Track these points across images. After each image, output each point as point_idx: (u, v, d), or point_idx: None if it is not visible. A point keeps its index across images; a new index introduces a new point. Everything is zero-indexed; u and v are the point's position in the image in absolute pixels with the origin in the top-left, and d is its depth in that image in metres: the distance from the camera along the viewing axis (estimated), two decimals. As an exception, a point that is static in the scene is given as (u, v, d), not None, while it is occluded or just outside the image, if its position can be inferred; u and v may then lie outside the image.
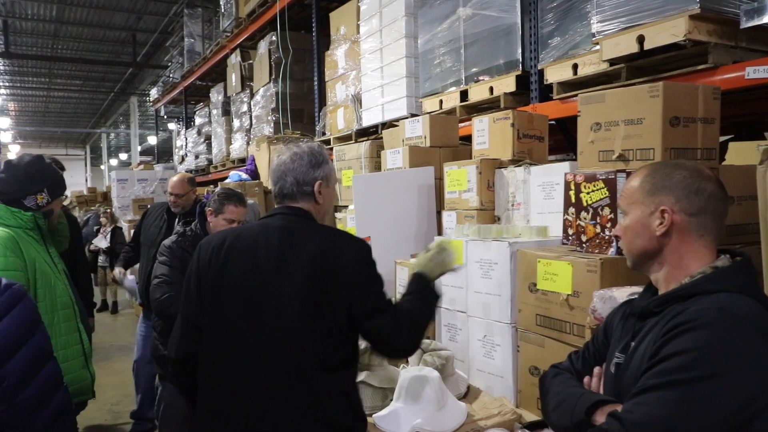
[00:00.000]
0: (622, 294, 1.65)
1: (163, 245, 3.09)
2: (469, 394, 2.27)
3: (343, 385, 1.73)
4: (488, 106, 3.85)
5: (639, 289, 1.66)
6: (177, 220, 4.01)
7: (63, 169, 2.96)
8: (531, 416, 2.06)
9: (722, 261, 1.26)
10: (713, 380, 1.05)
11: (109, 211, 9.88)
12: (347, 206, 4.02)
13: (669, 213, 1.26)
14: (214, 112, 9.23)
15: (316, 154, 1.87)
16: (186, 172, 10.55)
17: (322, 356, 1.68)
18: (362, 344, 2.42)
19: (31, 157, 2.73)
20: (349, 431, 1.73)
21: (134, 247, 4.32)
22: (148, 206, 4.83)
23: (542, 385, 1.48)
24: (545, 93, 3.48)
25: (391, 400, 2.06)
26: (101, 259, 8.81)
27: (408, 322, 1.79)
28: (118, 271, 4.24)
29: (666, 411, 1.07)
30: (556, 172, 2.48)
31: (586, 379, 1.43)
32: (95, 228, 9.49)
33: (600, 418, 1.22)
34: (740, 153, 2.92)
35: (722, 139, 2.74)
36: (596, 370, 1.42)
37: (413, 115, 4.22)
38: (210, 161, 9.96)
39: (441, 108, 4.14)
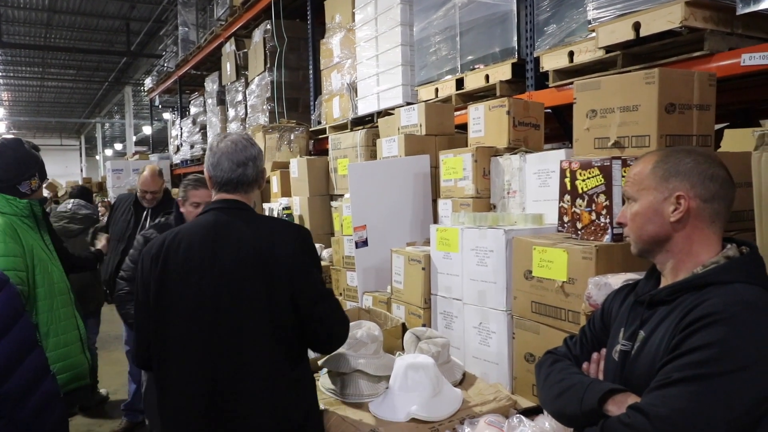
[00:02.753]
0: (617, 280, 1.65)
1: (139, 236, 3.13)
2: (464, 381, 2.28)
3: (294, 373, 1.75)
4: (484, 94, 3.84)
5: (634, 275, 1.66)
6: (145, 213, 3.98)
7: (38, 149, 2.90)
8: (526, 402, 2.08)
9: (732, 251, 1.26)
10: (739, 373, 1.05)
11: (107, 200, 9.87)
12: (343, 195, 4.01)
13: (685, 199, 1.25)
14: (209, 101, 9.16)
15: (257, 144, 1.92)
16: (178, 162, 10.54)
17: (269, 347, 1.70)
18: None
19: (13, 143, 2.70)
20: (300, 429, 1.75)
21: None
22: (113, 199, 4.73)
23: (539, 371, 1.46)
24: (541, 81, 3.46)
25: (387, 387, 2.07)
26: None
27: (343, 311, 1.86)
28: (105, 238, 3.88)
29: (693, 405, 1.05)
30: (552, 159, 2.48)
31: (585, 365, 1.42)
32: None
33: (612, 407, 1.19)
34: (735, 140, 2.91)
35: (718, 126, 2.75)
36: (595, 356, 1.42)
37: (409, 104, 4.19)
38: (205, 151, 9.88)
39: (437, 96, 4.12)
